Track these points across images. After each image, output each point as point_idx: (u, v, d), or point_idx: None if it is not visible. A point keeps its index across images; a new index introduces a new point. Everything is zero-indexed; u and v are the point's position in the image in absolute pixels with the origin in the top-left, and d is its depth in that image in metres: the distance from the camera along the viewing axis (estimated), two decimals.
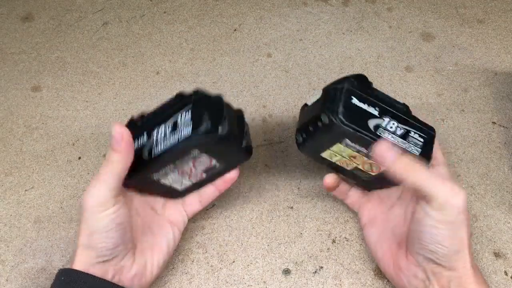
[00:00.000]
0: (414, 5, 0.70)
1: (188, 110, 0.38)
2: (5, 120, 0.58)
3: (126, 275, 0.39)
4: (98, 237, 0.37)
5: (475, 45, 0.64)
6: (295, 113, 0.57)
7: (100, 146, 0.55)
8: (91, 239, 0.37)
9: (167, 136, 0.38)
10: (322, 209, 0.48)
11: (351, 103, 0.38)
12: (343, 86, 0.38)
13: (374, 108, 0.38)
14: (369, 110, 0.38)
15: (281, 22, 0.69)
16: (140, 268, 0.40)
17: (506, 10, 0.69)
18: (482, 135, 0.54)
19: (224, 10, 0.71)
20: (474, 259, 0.39)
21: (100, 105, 0.59)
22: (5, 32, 0.69)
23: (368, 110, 0.38)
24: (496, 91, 0.59)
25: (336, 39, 0.66)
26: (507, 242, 0.45)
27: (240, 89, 0.60)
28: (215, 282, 0.43)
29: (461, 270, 0.36)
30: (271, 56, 0.64)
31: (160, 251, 0.42)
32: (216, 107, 0.39)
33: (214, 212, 0.48)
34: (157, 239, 0.42)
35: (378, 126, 0.38)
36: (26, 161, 0.54)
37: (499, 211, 0.48)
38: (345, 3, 0.71)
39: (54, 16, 0.71)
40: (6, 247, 0.47)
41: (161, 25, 0.69)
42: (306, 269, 0.44)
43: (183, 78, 0.62)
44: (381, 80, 0.61)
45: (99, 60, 0.65)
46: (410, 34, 0.66)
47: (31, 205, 0.50)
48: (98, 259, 0.37)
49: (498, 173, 0.51)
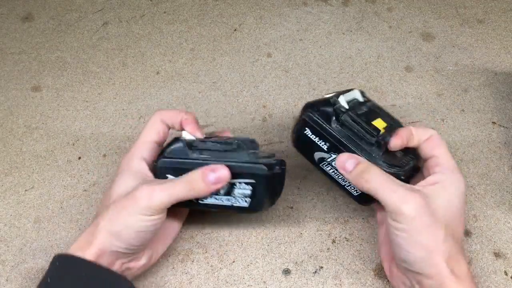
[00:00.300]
0: (414, 5, 0.71)
1: (249, 184, 0.40)
2: (5, 120, 0.58)
3: (132, 269, 0.40)
4: (130, 233, 0.37)
5: (475, 45, 0.64)
6: (295, 113, 0.57)
7: (100, 146, 0.55)
8: (121, 230, 0.37)
9: (219, 196, 0.41)
10: (322, 209, 0.48)
11: (303, 134, 0.42)
12: (303, 114, 0.42)
13: (325, 142, 0.42)
14: (319, 143, 0.42)
15: (281, 22, 0.69)
16: (146, 262, 0.41)
17: (506, 10, 0.69)
18: (482, 135, 0.54)
19: (224, 10, 0.71)
20: (470, 264, 0.39)
21: (100, 105, 0.59)
22: (5, 32, 0.69)
23: (318, 143, 0.42)
24: (496, 91, 0.59)
25: (336, 39, 0.66)
26: (507, 242, 0.45)
27: (240, 89, 0.60)
28: (215, 282, 0.43)
29: (437, 277, 0.35)
30: (271, 56, 0.64)
31: (164, 244, 0.44)
32: (276, 189, 0.43)
33: None
34: (165, 233, 0.43)
35: (322, 159, 0.42)
36: (26, 161, 0.54)
37: (499, 211, 0.48)
38: (345, 3, 0.71)
39: (54, 16, 0.71)
40: (6, 247, 0.47)
41: (161, 25, 0.69)
42: (306, 269, 0.44)
43: (183, 78, 0.62)
44: (381, 80, 0.61)
45: (99, 60, 0.65)
46: (410, 34, 0.66)
47: (31, 205, 0.50)
48: (117, 248, 0.38)
49: (498, 173, 0.51)
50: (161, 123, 0.43)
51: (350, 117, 0.41)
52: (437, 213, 0.36)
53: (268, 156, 0.42)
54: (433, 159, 0.40)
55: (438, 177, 0.38)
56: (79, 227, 0.48)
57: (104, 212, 0.39)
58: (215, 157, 0.40)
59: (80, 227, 0.48)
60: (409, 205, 0.35)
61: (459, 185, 0.38)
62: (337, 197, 0.49)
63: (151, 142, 0.43)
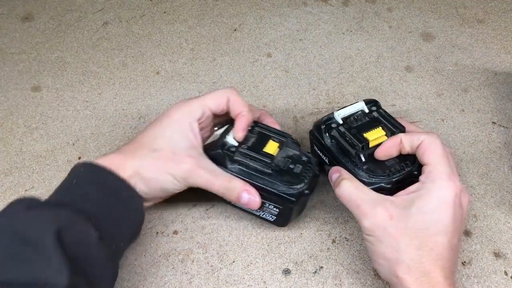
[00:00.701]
0: (414, 5, 0.71)
1: (276, 207, 0.43)
2: (5, 120, 0.58)
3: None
4: (156, 185, 0.40)
5: (475, 45, 0.64)
6: (295, 113, 0.57)
7: (100, 146, 0.55)
8: (151, 179, 0.39)
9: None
10: (322, 209, 0.48)
11: (314, 150, 0.48)
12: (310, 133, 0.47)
13: (325, 157, 0.46)
14: (323, 157, 0.46)
15: (281, 22, 0.69)
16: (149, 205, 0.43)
17: (506, 10, 0.69)
18: (482, 135, 0.54)
19: (224, 10, 0.71)
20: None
21: (100, 105, 0.59)
22: (5, 32, 0.69)
23: (322, 157, 0.46)
24: (496, 91, 0.59)
25: (336, 39, 0.66)
26: (507, 242, 0.45)
27: (240, 89, 0.60)
28: (215, 282, 0.43)
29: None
30: (271, 56, 0.64)
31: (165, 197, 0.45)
32: (302, 207, 0.45)
33: (214, 212, 0.48)
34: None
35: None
36: (26, 161, 0.54)
37: (499, 211, 0.48)
38: (345, 3, 0.71)
39: (54, 16, 0.71)
40: None
41: (161, 25, 0.69)
42: (306, 269, 0.44)
43: (183, 78, 0.62)
44: (381, 80, 0.61)
45: (99, 60, 0.65)
46: (410, 34, 0.66)
47: None
48: (137, 187, 0.39)
49: (498, 173, 0.51)
50: (226, 100, 0.43)
51: (338, 132, 0.45)
52: (407, 222, 0.36)
53: (304, 162, 0.43)
54: (424, 166, 0.39)
55: (418, 186, 0.38)
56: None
57: (137, 152, 0.40)
58: (250, 178, 0.42)
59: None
60: (367, 220, 0.37)
61: (444, 192, 0.37)
62: (337, 197, 0.49)
63: (210, 109, 0.43)
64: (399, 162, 0.42)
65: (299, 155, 0.44)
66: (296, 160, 0.43)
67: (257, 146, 0.43)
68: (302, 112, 0.57)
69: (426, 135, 0.40)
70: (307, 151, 0.45)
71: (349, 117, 0.46)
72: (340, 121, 0.45)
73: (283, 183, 0.41)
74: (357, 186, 0.40)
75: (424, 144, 0.39)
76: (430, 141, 0.39)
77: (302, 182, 0.42)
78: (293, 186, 0.41)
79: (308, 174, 0.42)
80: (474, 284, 0.42)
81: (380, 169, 0.42)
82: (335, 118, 0.46)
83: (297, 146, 0.45)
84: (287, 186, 0.41)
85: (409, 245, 0.36)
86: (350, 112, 0.46)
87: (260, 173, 0.42)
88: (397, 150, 0.41)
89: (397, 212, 0.37)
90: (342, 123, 0.45)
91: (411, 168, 0.41)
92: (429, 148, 0.39)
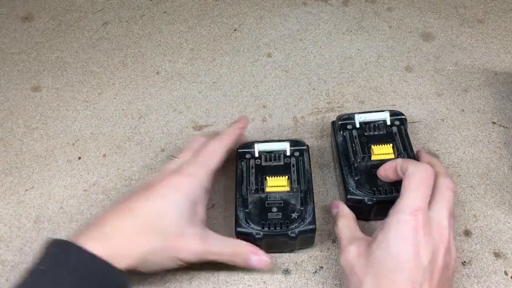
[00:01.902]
0: (414, 5, 0.71)
1: None
2: (5, 120, 0.58)
3: None
4: (154, 263, 0.39)
5: (475, 45, 0.64)
6: (295, 113, 0.57)
7: (100, 146, 0.55)
8: (147, 256, 0.38)
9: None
10: (322, 209, 0.48)
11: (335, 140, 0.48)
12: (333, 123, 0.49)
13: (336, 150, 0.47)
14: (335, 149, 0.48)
15: (281, 22, 0.69)
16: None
17: (506, 10, 0.69)
18: (482, 135, 0.54)
19: (224, 10, 0.71)
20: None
21: (100, 105, 0.59)
22: (5, 32, 0.69)
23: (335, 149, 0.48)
24: (496, 91, 0.59)
25: (336, 39, 0.66)
26: (507, 242, 0.45)
27: (240, 89, 0.60)
28: (215, 282, 0.43)
29: None
30: (271, 56, 0.64)
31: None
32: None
33: (214, 212, 0.48)
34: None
35: None
36: (26, 161, 0.54)
37: (499, 211, 0.48)
38: (345, 3, 0.71)
39: (54, 16, 0.71)
40: (6, 247, 0.47)
41: (161, 25, 0.69)
42: (306, 269, 0.44)
43: (183, 78, 0.62)
44: (381, 80, 0.61)
45: (99, 60, 0.65)
46: (410, 34, 0.66)
47: (31, 205, 0.50)
48: (131, 262, 0.37)
49: (498, 173, 0.51)
50: (226, 153, 0.45)
51: (349, 134, 0.46)
52: (369, 259, 0.36)
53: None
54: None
55: (385, 219, 0.37)
56: (79, 227, 0.48)
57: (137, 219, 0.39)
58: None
59: (80, 227, 0.48)
60: (342, 256, 0.38)
61: (401, 226, 0.35)
62: (337, 197, 0.49)
63: (215, 170, 0.43)
64: (391, 185, 0.42)
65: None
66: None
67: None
68: (302, 112, 0.57)
69: (415, 165, 0.38)
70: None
71: (368, 123, 0.46)
72: (357, 125, 0.45)
73: (290, 245, 0.44)
74: (349, 225, 0.41)
75: (407, 173, 0.38)
76: (414, 171, 0.38)
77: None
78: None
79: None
80: (474, 284, 0.42)
81: (369, 185, 0.43)
82: (354, 120, 0.46)
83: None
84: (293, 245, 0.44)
85: (370, 284, 0.34)
86: (371, 119, 0.46)
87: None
88: (394, 174, 0.41)
89: (364, 249, 0.37)
90: (358, 127, 0.45)
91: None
92: (408, 179, 0.37)
